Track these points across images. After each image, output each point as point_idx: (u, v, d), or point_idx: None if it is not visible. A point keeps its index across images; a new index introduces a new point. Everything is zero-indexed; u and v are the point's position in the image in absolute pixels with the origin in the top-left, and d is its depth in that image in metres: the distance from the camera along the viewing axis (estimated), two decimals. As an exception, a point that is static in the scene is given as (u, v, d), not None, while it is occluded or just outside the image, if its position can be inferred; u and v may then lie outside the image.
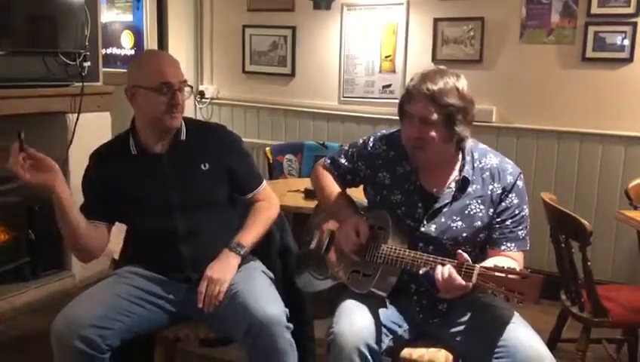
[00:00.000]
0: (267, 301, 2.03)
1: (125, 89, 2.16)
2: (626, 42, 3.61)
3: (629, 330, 2.83)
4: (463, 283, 1.77)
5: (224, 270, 2.12)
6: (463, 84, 1.94)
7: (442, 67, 2.01)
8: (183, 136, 2.22)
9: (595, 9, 3.65)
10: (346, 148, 2.27)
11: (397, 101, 2.04)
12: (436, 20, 4.08)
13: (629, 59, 3.62)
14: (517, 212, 2.00)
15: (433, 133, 1.92)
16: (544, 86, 3.87)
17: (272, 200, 2.37)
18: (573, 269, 2.55)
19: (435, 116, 1.90)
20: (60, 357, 1.94)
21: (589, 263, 2.46)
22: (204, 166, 2.21)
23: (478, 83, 3.89)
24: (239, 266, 2.17)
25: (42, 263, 3.74)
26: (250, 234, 2.23)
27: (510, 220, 1.99)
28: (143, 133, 2.18)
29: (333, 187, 2.24)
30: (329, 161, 2.29)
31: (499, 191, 2.00)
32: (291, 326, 2.02)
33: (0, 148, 2.04)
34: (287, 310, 2.04)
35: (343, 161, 2.24)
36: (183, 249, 2.18)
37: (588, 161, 3.79)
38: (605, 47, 3.66)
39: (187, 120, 2.26)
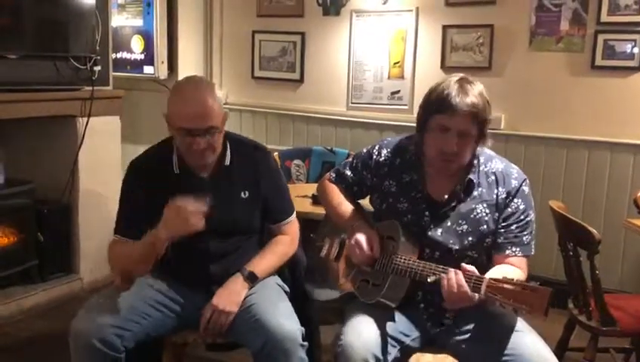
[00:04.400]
0: (284, 318, 2.01)
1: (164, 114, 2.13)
2: (636, 50, 3.60)
3: (637, 339, 2.81)
4: (469, 292, 1.77)
5: (232, 300, 2.09)
6: (486, 93, 1.95)
7: (463, 75, 1.97)
8: (227, 162, 2.20)
9: (604, 17, 3.64)
10: (351, 159, 2.26)
11: (405, 107, 2.04)
12: (445, 27, 4.08)
13: (639, 68, 3.61)
14: (522, 217, 2.00)
15: (468, 146, 1.93)
16: (553, 94, 3.86)
17: (294, 237, 2.35)
18: (582, 278, 2.54)
19: (474, 131, 1.91)
20: (77, 355, 1.95)
21: (597, 272, 2.45)
22: (244, 194, 2.21)
23: (487, 90, 3.86)
24: None
25: (50, 266, 3.75)
26: (265, 265, 2.22)
27: (515, 225, 1.99)
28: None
29: (341, 200, 2.23)
30: (334, 175, 2.29)
31: (503, 196, 2.00)
32: (306, 344, 2.01)
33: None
34: (303, 328, 2.02)
35: (348, 173, 2.24)
36: (212, 267, 2.18)
37: (596, 169, 3.78)
38: (615, 55, 3.65)
39: (232, 141, 2.23)
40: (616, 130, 3.71)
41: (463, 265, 1.82)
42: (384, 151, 2.14)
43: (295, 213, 2.38)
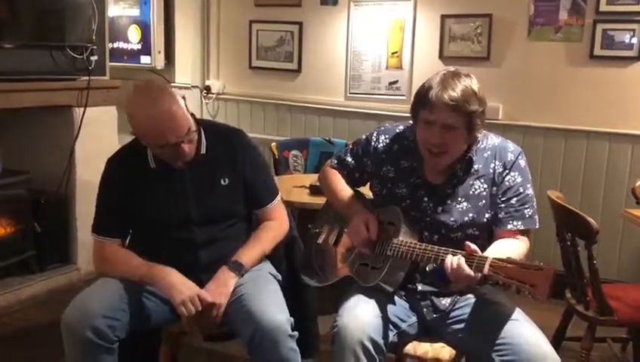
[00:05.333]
0: (272, 308, 2.01)
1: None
2: (635, 40, 3.59)
3: (634, 329, 2.82)
4: (472, 273, 1.76)
5: (220, 292, 2.08)
6: (477, 85, 1.93)
7: (452, 68, 1.97)
8: (204, 150, 2.18)
9: (603, 7, 3.63)
10: (351, 146, 2.27)
11: (403, 98, 2.03)
12: (443, 17, 4.07)
13: (638, 58, 3.60)
14: (521, 190, 1.99)
15: (454, 138, 1.92)
16: (551, 84, 3.85)
17: (282, 220, 2.32)
18: (579, 267, 2.54)
19: (457, 122, 1.89)
20: (70, 347, 1.94)
21: (594, 262, 2.45)
22: (224, 181, 2.20)
23: (485, 80, 3.80)
24: None
25: (48, 256, 3.75)
26: (253, 253, 2.20)
27: (515, 198, 1.99)
28: None
29: (342, 186, 2.24)
30: (336, 161, 2.30)
31: (500, 170, 2.00)
32: (296, 334, 2.01)
33: None
34: (292, 319, 2.02)
35: (349, 159, 2.24)
36: (201, 254, 2.18)
37: (595, 159, 3.78)
38: (613, 45, 3.64)
39: (206, 128, 2.21)
40: (615, 120, 3.71)
41: (467, 243, 1.81)
42: (382, 138, 2.16)
43: (279, 195, 2.36)
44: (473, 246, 1.81)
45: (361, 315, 1.91)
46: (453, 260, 1.80)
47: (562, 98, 3.84)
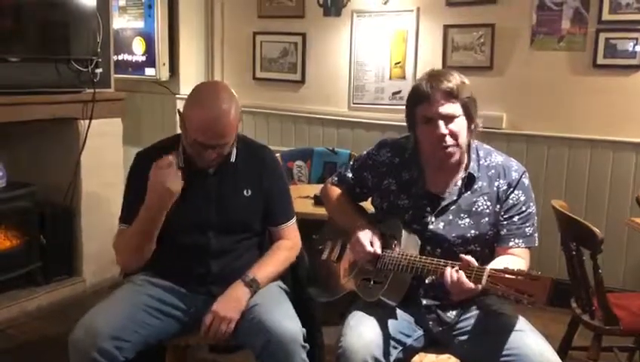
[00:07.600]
0: (286, 318, 2.01)
1: (179, 110, 2.14)
2: (638, 49, 3.59)
3: (640, 338, 2.81)
4: (472, 285, 1.77)
5: (232, 307, 2.07)
6: (464, 78, 1.99)
7: (436, 68, 2.01)
8: (233, 158, 2.20)
9: (606, 15, 3.64)
10: (352, 162, 2.29)
11: (407, 108, 2.03)
12: (446, 27, 4.08)
13: (641, 66, 3.61)
14: (524, 209, 2.01)
15: (459, 127, 1.94)
16: (555, 92, 3.85)
17: (295, 242, 2.33)
18: (584, 277, 2.54)
19: (457, 110, 1.93)
20: None
21: (600, 271, 2.45)
22: (247, 192, 2.21)
23: (488, 89, 3.88)
24: None
25: (53, 268, 3.76)
26: (267, 270, 2.20)
27: (517, 217, 2.00)
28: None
29: (342, 201, 2.25)
30: (336, 178, 2.32)
31: (504, 188, 2.01)
32: (307, 345, 2.01)
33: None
34: (305, 329, 2.02)
35: (349, 175, 2.26)
36: (213, 265, 2.18)
37: (599, 167, 3.78)
38: (616, 53, 3.65)
39: (239, 139, 2.23)
40: (619, 128, 3.70)
41: (462, 255, 1.82)
42: (383, 151, 2.17)
43: (295, 218, 2.37)
44: (467, 257, 1.81)
45: (364, 334, 1.91)
46: (453, 274, 1.81)
47: (566, 107, 3.84)
